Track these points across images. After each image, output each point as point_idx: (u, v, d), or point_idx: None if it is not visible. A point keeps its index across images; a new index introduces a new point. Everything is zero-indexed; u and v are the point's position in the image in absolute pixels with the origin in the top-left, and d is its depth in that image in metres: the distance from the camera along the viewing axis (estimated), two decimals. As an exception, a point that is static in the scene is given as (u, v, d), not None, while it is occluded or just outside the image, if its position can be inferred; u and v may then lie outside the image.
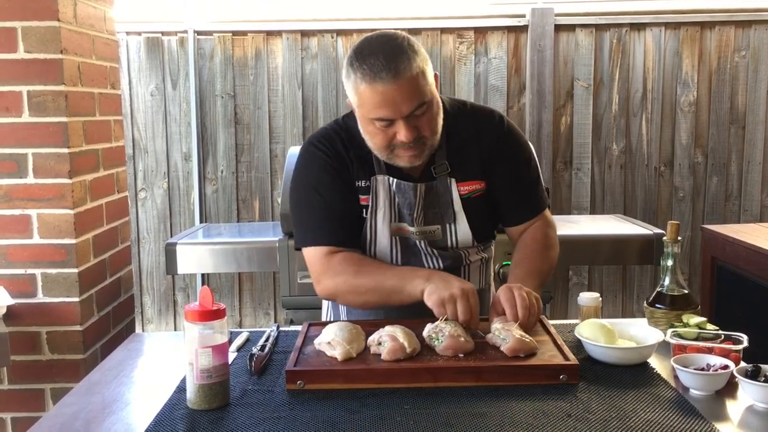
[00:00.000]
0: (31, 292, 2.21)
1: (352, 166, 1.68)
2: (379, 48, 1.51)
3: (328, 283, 1.67)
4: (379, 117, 1.52)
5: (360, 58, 1.52)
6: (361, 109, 1.56)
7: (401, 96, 1.49)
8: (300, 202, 1.72)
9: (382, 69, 1.48)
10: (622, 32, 3.56)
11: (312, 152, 1.71)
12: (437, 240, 1.71)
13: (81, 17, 2.29)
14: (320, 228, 1.68)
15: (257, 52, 3.56)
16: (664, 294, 1.64)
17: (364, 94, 1.52)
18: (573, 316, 3.62)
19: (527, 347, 1.42)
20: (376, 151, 1.61)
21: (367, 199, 1.68)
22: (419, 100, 1.51)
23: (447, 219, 1.70)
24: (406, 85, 1.49)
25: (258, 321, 3.69)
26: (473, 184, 1.71)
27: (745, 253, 2.69)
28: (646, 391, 1.32)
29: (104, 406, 1.35)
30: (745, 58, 3.57)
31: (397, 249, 1.70)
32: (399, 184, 1.67)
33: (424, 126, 1.55)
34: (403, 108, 1.50)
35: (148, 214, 3.64)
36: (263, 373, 1.44)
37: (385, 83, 1.48)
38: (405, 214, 1.69)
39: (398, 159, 1.60)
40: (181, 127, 3.59)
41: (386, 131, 1.54)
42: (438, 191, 1.69)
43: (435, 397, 1.30)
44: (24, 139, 2.16)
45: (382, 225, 1.68)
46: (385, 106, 1.50)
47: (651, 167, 3.63)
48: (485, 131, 1.72)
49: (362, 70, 1.50)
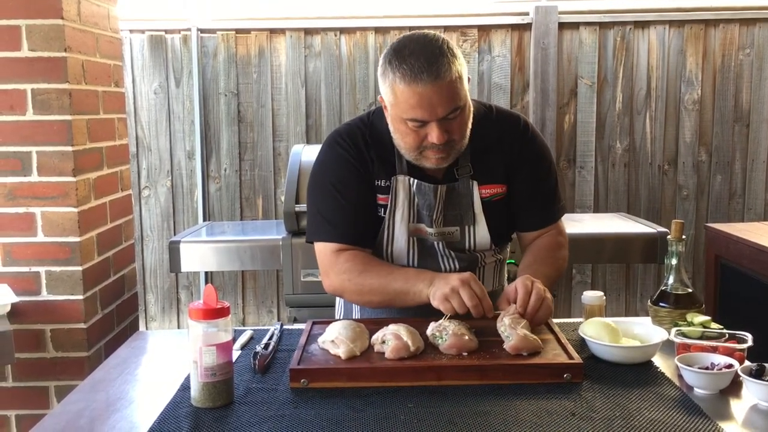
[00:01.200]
0: (35, 289, 2.22)
1: (373, 165, 1.69)
2: (420, 49, 1.51)
3: (333, 280, 1.69)
4: (413, 118, 1.52)
5: (400, 57, 1.51)
6: (395, 108, 1.56)
7: (438, 99, 1.50)
8: (316, 196, 1.73)
9: (423, 71, 1.48)
10: (626, 30, 3.55)
11: (335, 148, 1.71)
12: (455, 242, 1.72)
13: (85, 15, 2.29)
14: (333, 224, 1.69)
15: (260, 50, 3.56)
16: (668, 293, 1.63)
17: (401, 94, 1.51)
18: (577, 315, 3.61)
19: (531, 345, 1.41)
20: (405, 151, 1.61)
21: (385, 198, 1.69)
22: (455, 104, 1.52)
23: (467, 221, 1.70)
24: (445, 88, 1.49)
25: (261, 319, 3.69)
26: (495, 188, 1.71)
27: (749, 251, 2.69)
28: (651, 390, 1.31)
29: (108, 404, 1.36)
30: (750, 56, 3.56)
31: (414, 249, 1.71)
32: (419, 185, 1.67)
33: (455, 130, 1.56)
34: (438, 111, 1.51)
35: (151, 212, 3.64)
36: (267, 371, 1.44)
37: (425, 85, 1.48)
38: (424, 215, 1.69)
39: (425, 160, 1.61)
40: (185, 125, 3.59)
41: (418, 132, 1.55)
42: (459, 193, 1.69)
43: (439, 395, 1.29)
44: (28, 137, 2.16)
45: (400, 225, 1.69)
46: (422, 107, 1.50)
47: (655, 165, 3.63)
48: (509, 136, 1.73)
49: (402, 70, 1.50)
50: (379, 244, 1.71)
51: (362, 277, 1.64)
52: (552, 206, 1.80)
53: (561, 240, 1.81)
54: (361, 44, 3.55)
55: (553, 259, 1.75)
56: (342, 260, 1.66)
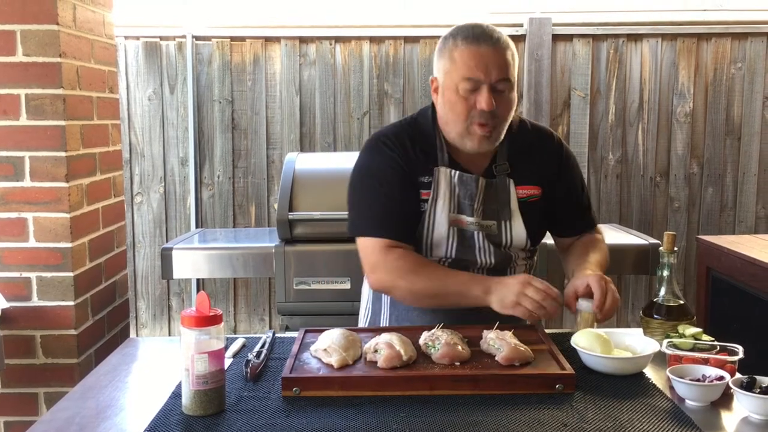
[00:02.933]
0: (26, 295, 2.21)
1: (417, 162, 1.74)
2: (482, 26, 1.69)
3: (383, 277, 1.71)
4: (469, 77, 1.63)
5: (462, 29, 1.68)
6: (450, 75, 1.66)
7: (494, 61, 1.63)
8: (363, 192, 1.77)
9: (483, 36, 1.65)
10: (619, 43, 3.58)
11: (379, 147, 1.77)
12: (493, 235, 1.76)
13: (80, 21, 2.29)
14: (380, 220, 1.73)
15: (255, 57, 3.56)
16: (660, 304, 1.64)
17: (460, 56, 1.64)
18: (569, 326, 3.62)
19: (522, 356, 1.42)
20: (454, 123, 1.68)
21: (428, 193, 1.74)
22: (507, 74, 1.65)
23: (504, 216, 1.76)
24: (501, 54, 1.65)
25: (253, 327, 3.68)
26: (531, 189, 1.79)
27: (740, 264, 2.70)
28: (642, 401, 1.32)
29: (99, 411, 1.35)
30: (741, 69, 3.59)
31: (453, 239, 1.74)
32: (461, 176, 1.74)
33: (501, 104, 1.66)
34: (493, 73, 1.63)
35: (144, 219, 3.63)
36: (259, 379, 1.44)
37: (486, 46, 1.63)
38: (465, 204, 1.74)
39: (470, 138, 1.68)
40: (179, 131, 3.59)
41: (468, 99, 1.64)
42: (497, 189, 1.76)
43: (431, 405, 1.29)
44: (21, 142, 2.16)
45: (441, 214, 1.73)
46: (479, 67, 1.62)
47: (647, 177, 3.64)
48: (544, 146, 1.84)
49: (464, 34, 1.66)
50: (420, 233, 1.74)
51: (416, 276, 1.66)
52: (590, 212, 1.91)
53: (599, 236, 1.90)
54: (355, 53, 3.56)
55: (600, 249, 1.83)
56: (393, 258, 1.69)
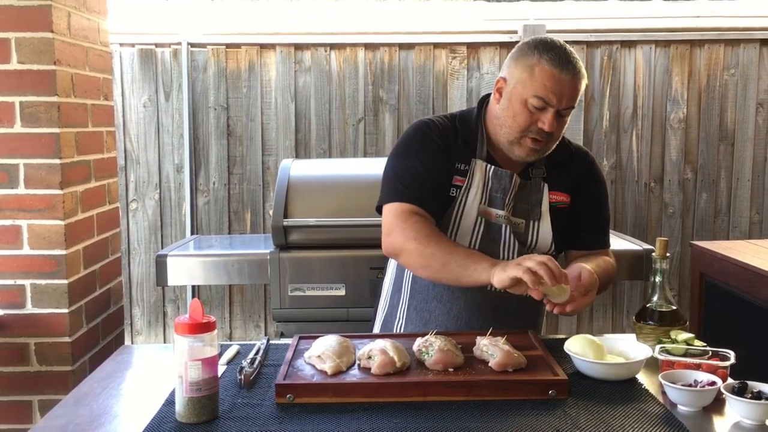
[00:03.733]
0: (20, 302, 2.20)
1: (458, 148, 1.80)
2: (566, 49, 1.72)
3: (397, 238, 1.72)
4: (543, 97, 1.67)
5: (549, 47, 1.71)
6: (523, 87, 1.70)
7: (569, 92, 1.69)
8: (395, 163, 1.82)
9: (569, 63, 1.69)
10: (612, 49, 3.59)
11: (422, 128, 1.83)
12: (520, 233, 1.79)
13: (75, 29, 2.30)
14: (406, 186, 1.76)
15: (251, 64, 3.57)
16: (653, 310, 1.65)
17: (540, 74, 1.68)
18: (564, 332, 3.63)
19: (515, 361, 1.42)
20: (509, 130, 1.72)
21: (462, 180, 1.78)
22: (573, 103, 1.72)
23: (534, 216, 1.80)
24: (577, 86, 1.70)
25: (248, 333, 3.67)
26: (561, 196, 1.84)
27: (734, 269, 2.71)
28: (635, 406, 1.32)
29: (92, 419, 1.35)
30: (734, 76, 3.61)
31: (479, 229, 1.77)
32: (496, 170, 1.78)
33: (558, 127, 1.73)
34: (563, 101, 1.69)
35: (138, 226, 3.63)
36: (253, 386, 1.44)
37: (567, 74, 1.68)
38: (497, 197, 1.78)
39: (519, 147, 1.73)
40: (174, 138, 3.59)
41: (533, 115, 1.69)
42: (531, 189, 1.81)
43: (424, 411, 1.30)
44: (16, 150, 2.16)
45: (472, 203, 1.77)
46: (554, 92, 1.67)
47: (641, 183, 3.66)
48: (578, 160, 1.90)
49: (551, 55, 1.69)
50: (447, 219, 1.77)
51: (427, 241, 1.67)
52: (606, 233, 1.93)
53: (611, 261, 1.88)
54: (351, 60, 3.57)
55: (606, 266, 1.82)
56: (411, 221, 1.71)
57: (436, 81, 3.59)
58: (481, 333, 1.55)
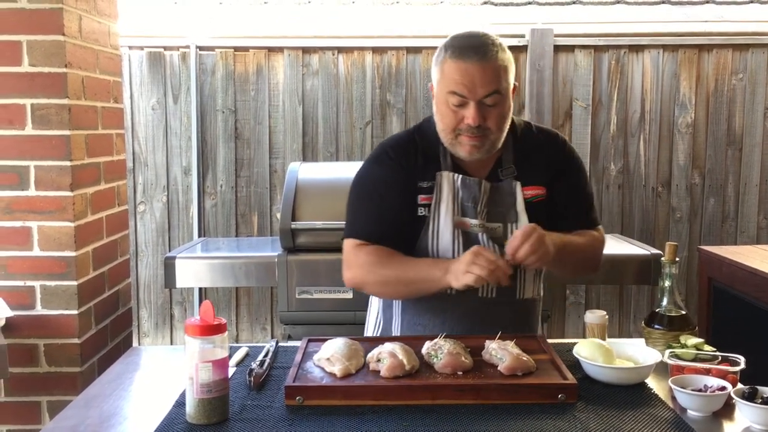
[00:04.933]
0: (30, 304, 2.21)
1: (417, 168, 1.76)
2: (474, 36, 1.68)
3: (355, 272, 1.74)
4: (455, 92, 1.62)
5: (455, 40, 1.67)
6: (440, 86, 1.67)
7: (481, 78, 1.61)
8: (352, 199, 1.82)
9: (471, 50, 1.62)
10: (620, 53, 3.59)
11: (381, 156, 1.80)
12: (498, 237, 1.76)
13: (86, 32, 2.31)
14: (360, 222, 1.77)
15: (259, 67, 3.58)
16: (662, 314, 1.65)
17: (447, 69, 1.64)
18: (570, 336, 3.62)
19: (524, 366, 1.42)
20: (443, 132, 1.69)
21: (428, 198, 1.75)
22: (495, 87, 1.62)
23: (510, 218, 1.76)
24: (488, 69, 1.62)
25: (255, 336, 3.68)
26: (536, 189, 1.78)
27: (742, 274, 2.70)
28: (644, 411, 1.32)
29: (102, 420, 1.35)
30: (743, 80, 3.60)
31: (459, 242, 1.74)
32: (464, 179, 1.74)
33: (491, 117, 1.65)
34: (479, 90, 1.61)
35: (146, 228, 3.64)
36: (262, 388, 1.44)
37: (471, 61, 1.61)
38: (468, 207, 1.74)
39: (459, 147, 1.68)
40: (182, 141, 3.61)
41: (457, 112, 1.64)
42: (503, 192, 1.76)
43: (433, 414, 1.30)
44: (26, 152, 2.17)
45: (445, 218, 1.74)
46: (464, 83, 1.61)
47: (648, 188, 3.65)
48: (550, 147, 1.83)
49: (453, 48, 1.64)
50: (424, 240, 1.75)
51: (380, 267, 1.70)
52: (592, 212, 1.87)
53: (599, 236, 1.84)
54: (358, 63, 3.58)
55: (588, 237, 1.79)
56: (363, 253, 1.72)
57: (444, 85, 3.58)
58: (490, 337, 1.55)
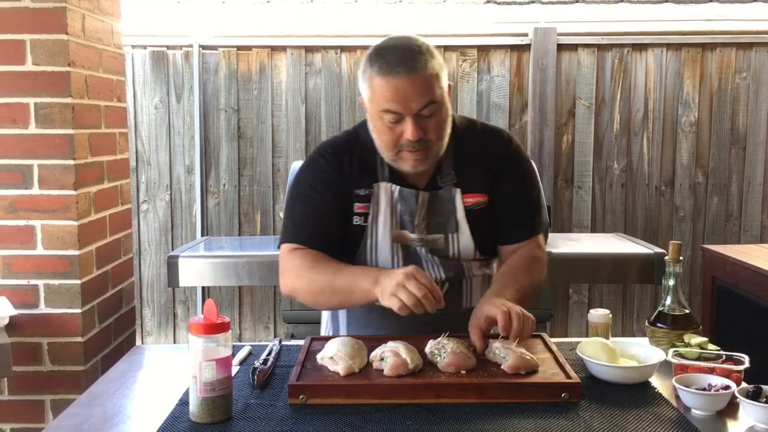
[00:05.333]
0: (33, 302, 2.22)
1: (353, 174, 1.69)
2: (399, 46, 1.58)
3: (287, 279, 1.68)
4: (388, 109, 1.55)
5: (379, 53, 1.58)
6: (372, 104, 1.59)
7: (413, 92, 1.53)
8: (287, 205, 1.77)
9: (398, 64, 1.53)
10: (623, 52, 3.59)
11: (315, 161, 1.74)
12: (440, 249, 1.71)
13: (89, 31, 2.31)
14: (294, 227, 1.71)
15: (261, 66, 3.58)
16: (666, 313, 1.64)
17: (377, 87, 1.55)
18: (574, 334, 3.62)
19: (528, 364, 1.42)
20: (383, 149, 1.63)
21: (365, 207, 1.68)
22: (429, 98, 1.54)
23: (449, 228, 1.70)
24: (419, 81, 1.53)
25: (258, 335, 3.68)
26: (477, 197, 1.71)
27: (746, 273, 2.70)
28: (648, 410, 1.32)
29: (106, 419, 1.35)
30: (746, 79, 3.59)
31: (398, 257, 1.69)
32: (401, 191, 1.68)
33: (431, 128, 1.57)
34: (413, 104, 1.53)
35: (149, 227, 3.64)
36: (266, 387, 1.44)
37: (400, 77, 1.52)
38: (406, 220, 1.68)
39: (403, 162, 1.61)
40: (185, 140, 3.61)
41: (394, 129, 1.57)
42: (442, 200, 1.69)
43: (437, 413, 1.30)
44: (30, 151, 2.17)
45: (383, 232, 1.68)
46: (396, 99, 1.53)
47: (652, 186, 3.65)
48: (493, 148, 1.75)
49: (379, 64, 1.55)
50: (363, 253, 1.70)
51: (311, 273, 1.62)
52: (532, 219, 1.77)
53: (539, 254, 1.76)
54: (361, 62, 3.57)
55: (529, 271, 1.70)
56: (294, 257, 1.66)
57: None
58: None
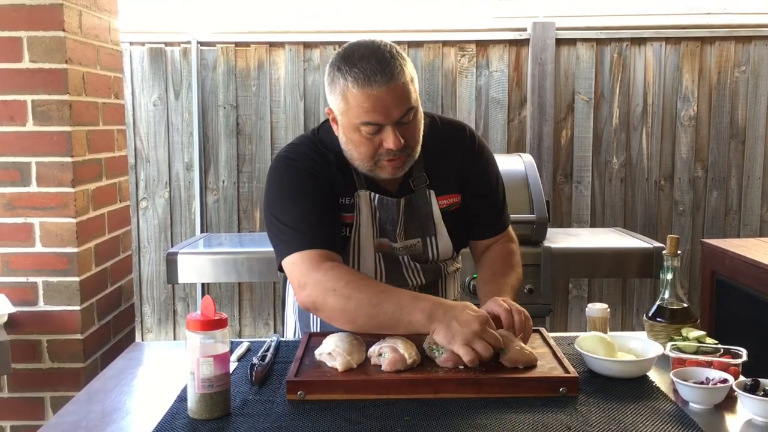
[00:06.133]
0: (32, 300, 2.22)
1: (337, 183, 1.62)
2: (371, 53, 1.48)
3: (314, 292, 1.49)
4: (369, 122, 1.48)
5: (350, 62, 1.48)
6: (347, 116, 1.51)
7: (393, 101, 1.46)
8: (284, 215, 1.59)
9: (376, 73, 1.45)
10: (622, 46, 3.58)
11: (291, 165, 1.62)
12: (418, 253, 1.69)
13: (86, 28, 2.31)
14: (309, 234, 1.54)
15: (260, 63, 3.58)
16: (664, 307, 1.64)
17: (354, 99, 1.47)
18: (573, 329, 3.62)
19: (527, 358, 1.42)
20: (360, 162, 1.56)
21: (350, 217, 1.63)
22: (408, 105, 1.49)
23: (427, 232, 1.68)
24: (399, 89, 1.47)
25: (257, 331, 3.68)
26: (451, 198, 1.70)
27: (745, 267, 2.70)
28: (646, 404, 1.32)
29: (105, 415, 1.36)
30: (745, 73, 3.59)
31: (381, 266, 1.66)
32: (381, 200, 1.63)
33: (409, 135, 1.52)
34: (394, 113, 1.47)
35: (149, 224, 3.64)
36: (264, 383, 1.44)
37: (380, 87, 1.45)
38: (388, 229, 1.65)
39: (381, 170, 1.56)
40: (183, 137, 3.61)
41: (372, 139, 1.50)
42: (418, 204, 1.67)
43: (435, 408, 1.30)
44: (28, 148, 2.17)
45: (366, 242, 1.64)
46: (376, 111, 1.46)
47: (651, 181, 3.64)
48: (457, 145, 1.72)
49: (354, 74, 1.46)
50: (346, 260, 1.63)
51: (350, 290, 1.45)
52: (502, 214, 1.79)
53: (513, 247, 1.79)
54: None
55: (511, 268, 1.72)
56: (324, 269, 1.49)
57: (445, 79, 3.58)
58: None
